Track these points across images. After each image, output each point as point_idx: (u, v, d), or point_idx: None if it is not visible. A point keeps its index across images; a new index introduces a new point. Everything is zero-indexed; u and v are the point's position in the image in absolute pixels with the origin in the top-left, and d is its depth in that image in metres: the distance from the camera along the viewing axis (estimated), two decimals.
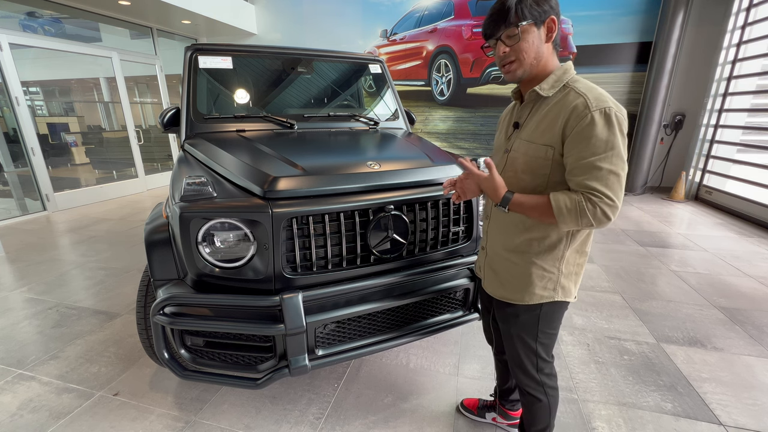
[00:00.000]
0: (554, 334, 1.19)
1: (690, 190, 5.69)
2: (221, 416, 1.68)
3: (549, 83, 1.01)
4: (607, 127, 0.91)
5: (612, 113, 0.91)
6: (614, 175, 0.92)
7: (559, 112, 0.97)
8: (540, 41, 0.99)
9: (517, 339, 1.19)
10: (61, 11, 5.27)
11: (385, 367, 2.01)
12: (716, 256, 3.47)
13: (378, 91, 2.77)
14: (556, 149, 0.98)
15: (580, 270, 1.14)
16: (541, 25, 0.98)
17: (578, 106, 0.93)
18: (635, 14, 5.85)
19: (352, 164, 1.58)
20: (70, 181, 5.61)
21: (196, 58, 2.24)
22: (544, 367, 1.21)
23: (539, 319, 1.14)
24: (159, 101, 7.10)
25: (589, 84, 0.99)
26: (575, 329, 2.33)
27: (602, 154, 0.91)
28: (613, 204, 0.92)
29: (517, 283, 1.12)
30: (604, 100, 0.93)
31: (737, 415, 1.68)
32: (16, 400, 1.78)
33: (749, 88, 5.11)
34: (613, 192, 0.92)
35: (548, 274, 1.09)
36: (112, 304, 2.66)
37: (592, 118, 0.91)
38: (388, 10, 6.87)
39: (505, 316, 1.20)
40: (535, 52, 0.99)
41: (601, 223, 0.94)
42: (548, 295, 1.10)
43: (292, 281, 1.42)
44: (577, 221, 0.94)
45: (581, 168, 0.93)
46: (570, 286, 1.12)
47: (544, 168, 1.01)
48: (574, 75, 1.02)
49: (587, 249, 1.13)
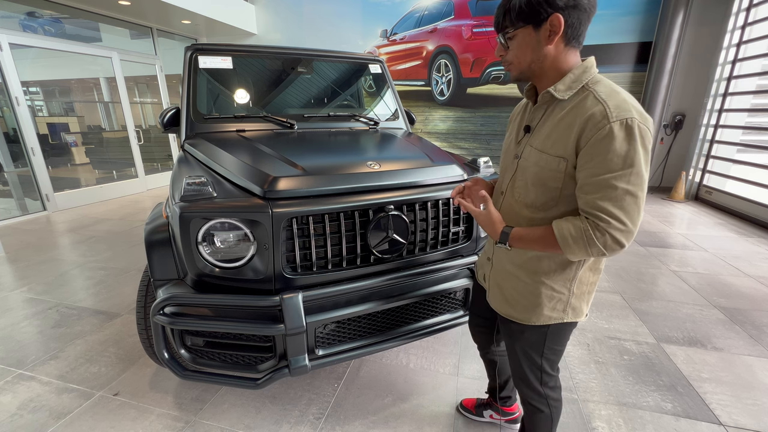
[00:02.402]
0: (561, 350, 1.12)
1: (690, 190, 5.69)
2: (221, 416, 1.68)
3: (565, 84, 0.90)
4: (628, 141, 0.80)
5: (635, 125, 0.80)
6: (631, 196, 0.81)
7: (574, 119, 0.86)
8: (538, 44, 0.89)
9: (521, 354, 1.12)
10: (61, 11, 5.27)
11: (385, 367, 2.01)
12: (716, 256, 3.47)
13: (378, 91, 2.77)
14: (569, 162, 0.88)
15: (593, 288, 1.05)
16: (542, 25, 0.86)
17: (595, 115, 0.82)
18: (635, 14, 5.85)
19: (352, 164, 1.58)
20: (70, 181, 5.61)
21: (196, 58, 2.24)
22: (549, 381, 1.15)
23: (546, 338, 1.07)
24: (159, 101, 7.10)
25: (612, 87, 0.87)
26: (575, 329, 2.32)
27: (619, 171, 0.80)
28: (626, 228, 0.82)
29: (525, 302, 1.04)
30: (626, 108, 0.82)
31: (737, 415, 1.68)
32: (16, 400, 1.78)
33: (749, 88, 5.11)
34: (627, 215, 0.81)
35: (558, 294, 1.00)
36: (112, 304, 2.66)
37: (610, 130, 0.80)
38: (388, 10, 6.87)
39: (510, 332, 1.13)
40: (530, 57, 0.91)
41: (613, 252, 0.84)
42: (557, 317, 1.02)
43: (292, 281, 1.42)
44: (586, 251, 0.85)
45: (593, 185, 0.83)
46: (581, 306, 1.04)
47: (556, 181, 0.91)
48: (596, 75, 0.90)
49: (601, 266, 1.04)
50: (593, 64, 0.92)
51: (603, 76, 0.91)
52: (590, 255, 0.87)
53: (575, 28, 0.87)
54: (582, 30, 0.88)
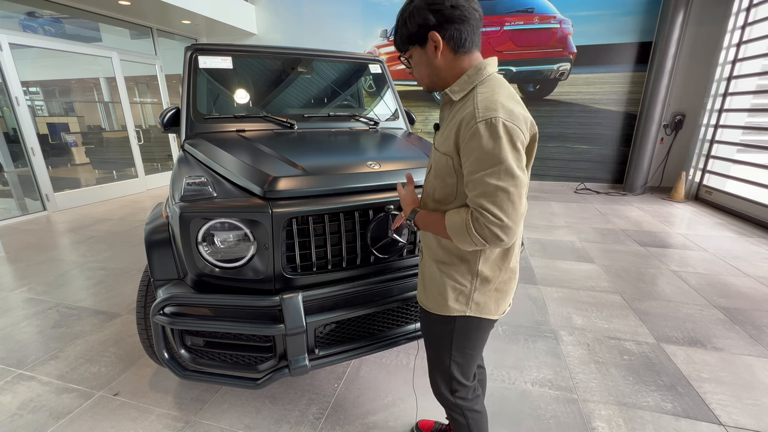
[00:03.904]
0: (472, 354, 1.10)
1: (690, 190, 5.69)
2: (221, 416, 1.68)
3: (459, 85, 0.95)
4: (493, 139, 0.83)
5: (498, 123, 0.83)
6: (503, 192, 0.84)
7: (460, 119, 0.90)
8: (429, 59, 0.96)
9: (432, 353, 1.15)
10: (61, 11, 5.27)
11: (385, 367, 2.01)
12: (716, 256, 3.47)
13: (378, 91, 2.77)
14: (454, 159, 0.93)
15: (504, 287, 1.06)
16: (426, 43, 0.94)
17: (467, 116, 0.87)
18: (635, 14, 5.85)
19: (352, 164, 1.58)
20: (70, 181, 5.61)
21: (196, 58, 2.24)
22: (459, 390, 1.13)
23: (453, 334, 1.07)
24: (159, 101, 7.10)
25: (493, 87, 0.90)
26: (575, 329, 2.33)
27: (489, 169, 0.84)
28: (503, 224, 0.84)
29: (435, 291, 1.06)
30: (493, 108, 0.84)
31: (737, 415, 1.68)
32: (16, 400, 1.78)
33: (749, 88, 5.11)
34: (501, 210, 0.84)
35: (460, 287, 1.02)
36: (112, 304, 2.66)
37: (476, 129, 0.84)
38: (388, 10, 6.87)
39: (424, 326, 1.16)
40: (427, 71, 0.99)
41: (496, 245, 0.87)
42: (460, 309, 1.03)
43: (292, 281, 1.42)
44: (470, 241, 0.89)
45: (472, 183, 0.88)
46: (487, 302, 1.04)
47: (451, 176, 0.96)
48: (487, 76, 0.94)
49: (511, 265, 1.04)
50: (488, 65, 0.95)
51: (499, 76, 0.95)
52: (476, 245, 0.90)
53: (457, 38, 0.92)
54: (466, 37, 0.93)
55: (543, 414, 1.69)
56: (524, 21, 6.27)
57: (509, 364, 2.02)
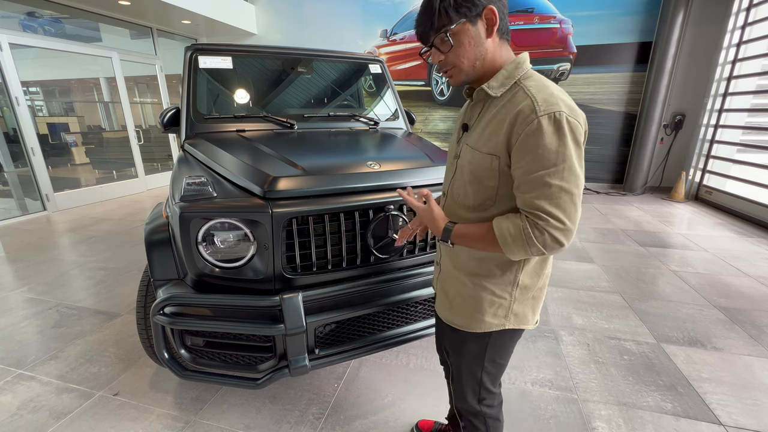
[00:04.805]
0: (503, 364, 1.06)
1: (690, 190, 5.69)
2: (221, 416, 1.68)
3: (498, 80, 0.88)
4: (557, 136, 0.77)
5: (563, 118, 0.77)
6: (566, 193, 0.78)
7: (506, 115, 0.83)
8: (479, 38, 0.85)
9: (461, 367, 1.07)
10: (61, 11, 5.27)
11: (385, 367, 2.01)
12: (716, 256, 3.47)
13: (378, 91, 2.77)
14: (501, 159, 0.85)
15: (539, 294, 1.00)
16: (478, 19, 0.84)
17: (524, 110, 0.80)
18: (635, 14, 5.85)
19: (352, 164, 1.58)
20: (70, 181, 5.61)
21: (196, 58, 2.24)
22: (487, 398, 1.09)
23: (487, 348, 1.01)
24: (159, 101, 7.10)
25: (543, 82, 0.85)
26: (575, 329, 2.33)
27: (552, 168, 0.77)
28: (565, 227, 0.79)
29: (466, 307, 0.99)
30: (554, 102, 0.78)
31: (737, 415, 1.68)
32: (16, 400, 1.78)
33: (749, 88, 5.11)
34: (564, 213, 0.78)
35: (499, 299, 0.95)
36: (112, 304, 2.66)
37: (539, 125, 0.77)
38: (388, 10, 6.87)
39: (451, 342, 1.08)
40: (474, 54, 0.87)
41: (553, 251, 0.82)
42: (498, 323, 0.97)
43: (292, 281, 1.42)
44: (526, 250, 0.82)
45: (528, 184, 0.80)
46: (526, 312, 0.98)
47: (491, 179, 0.88)
48: (528, 70, 0.88)
49: (546, 270, 0.99)
50: (526, 59, 0.89)
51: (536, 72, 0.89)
52: (530, 254, 0.83)
53: (504, 20, 0.86)
54: (507, 22, 0.89)
55: (543, 414, 1.69)
56: (524, 21, 6.27)
57: (509, 363, 2.01)
